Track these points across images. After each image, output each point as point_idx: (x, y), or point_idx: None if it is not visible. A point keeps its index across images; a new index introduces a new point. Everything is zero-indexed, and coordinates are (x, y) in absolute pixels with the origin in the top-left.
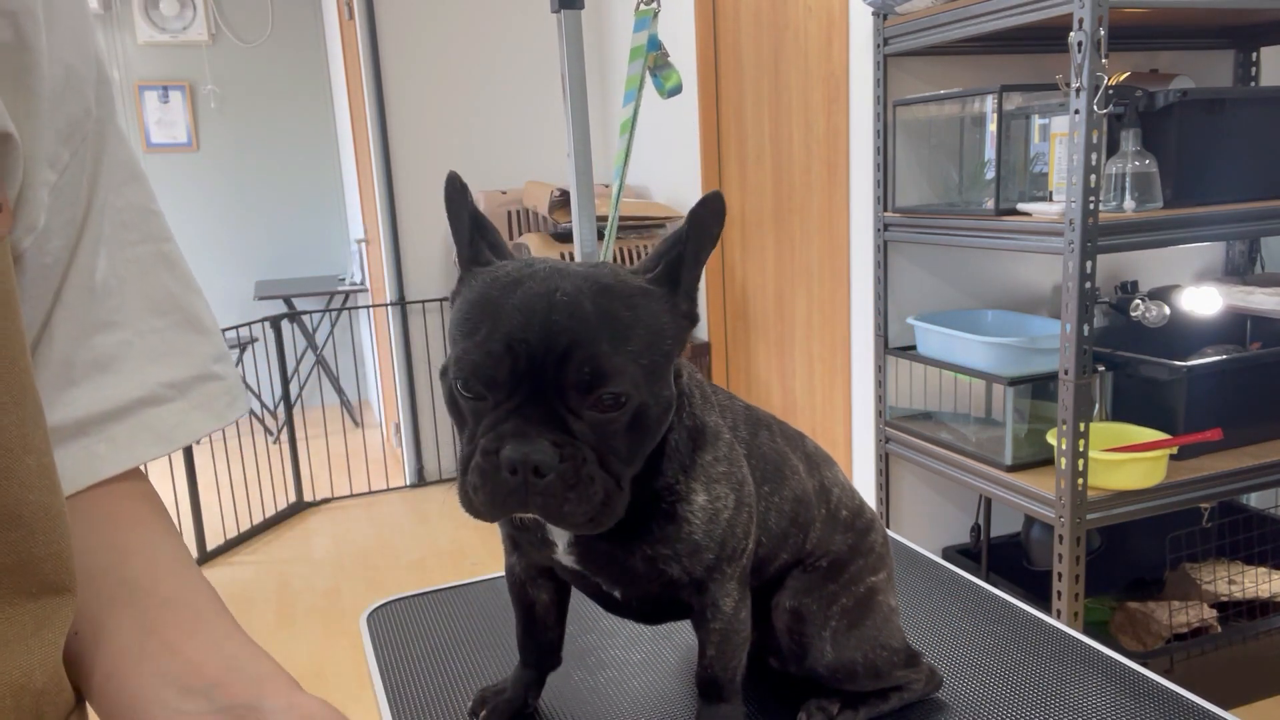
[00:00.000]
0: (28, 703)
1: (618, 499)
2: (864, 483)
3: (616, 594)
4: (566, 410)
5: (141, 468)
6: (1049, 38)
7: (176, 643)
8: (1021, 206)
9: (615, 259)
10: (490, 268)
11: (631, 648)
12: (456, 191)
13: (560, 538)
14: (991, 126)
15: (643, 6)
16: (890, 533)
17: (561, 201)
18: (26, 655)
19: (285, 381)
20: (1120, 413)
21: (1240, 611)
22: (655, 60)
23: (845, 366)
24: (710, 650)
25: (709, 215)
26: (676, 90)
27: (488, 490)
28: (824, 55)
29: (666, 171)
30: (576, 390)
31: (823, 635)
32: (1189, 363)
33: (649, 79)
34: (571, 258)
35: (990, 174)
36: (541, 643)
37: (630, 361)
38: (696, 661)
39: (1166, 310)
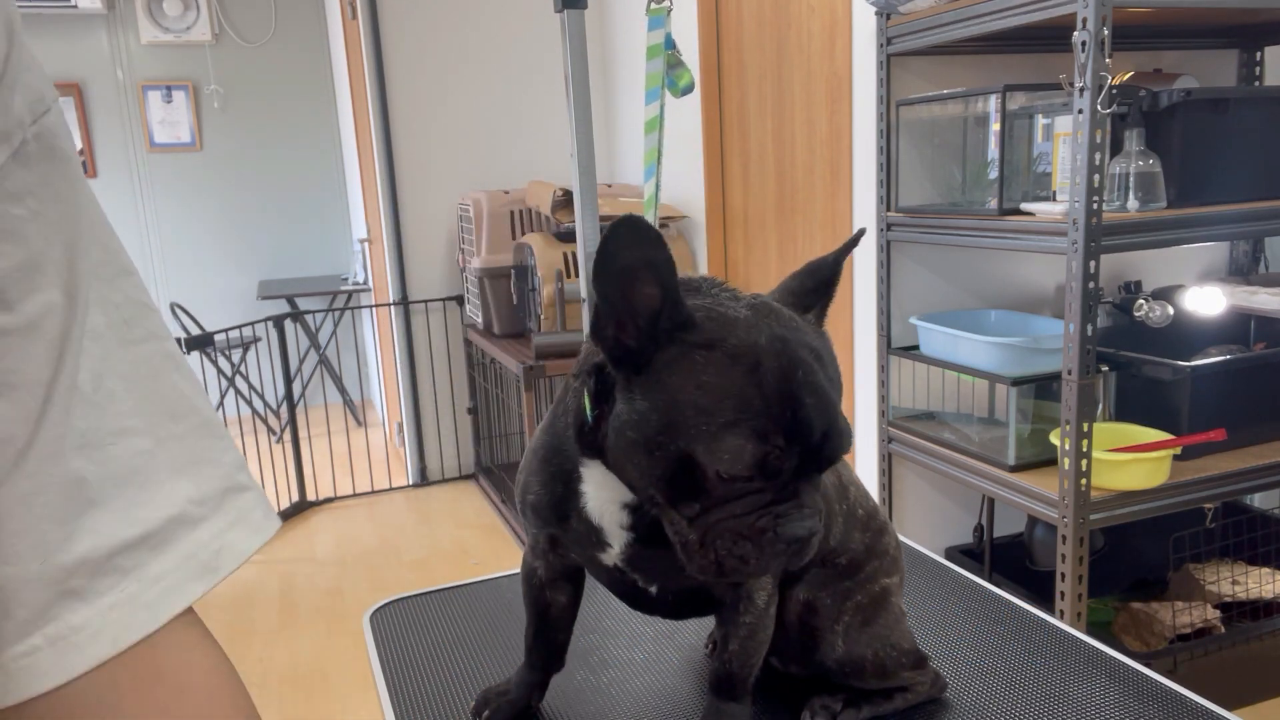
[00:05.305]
0: None
1: None
2: (867, 482)
3: (652, 590)
4: (817, 473)
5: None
6: (1053, 37)
7: None
8: (1025, 206)
9: None
10: (700, 337)
11: (634, 647)
12: (651, 241)
13: (616, 540)
14: (995, 126)
15: (654, 5)
16: None
17: (564, 201)
18: None
19: (288, 381)
20: (1123, 413)
21: (1244, 612)
22: (669, 59)
23: (848, 366)
24: (734, 644)
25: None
26: (689, 89)
27: (763, 559)
28: (827, 55)
29: (669, 171)
30: (828, 460)
31: (835, 629)
32: (1192, 363)
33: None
34: (574, 257)
35: (993, 174)
36: (552, 645)
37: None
38: (715, 656)
39: (1170, 310)
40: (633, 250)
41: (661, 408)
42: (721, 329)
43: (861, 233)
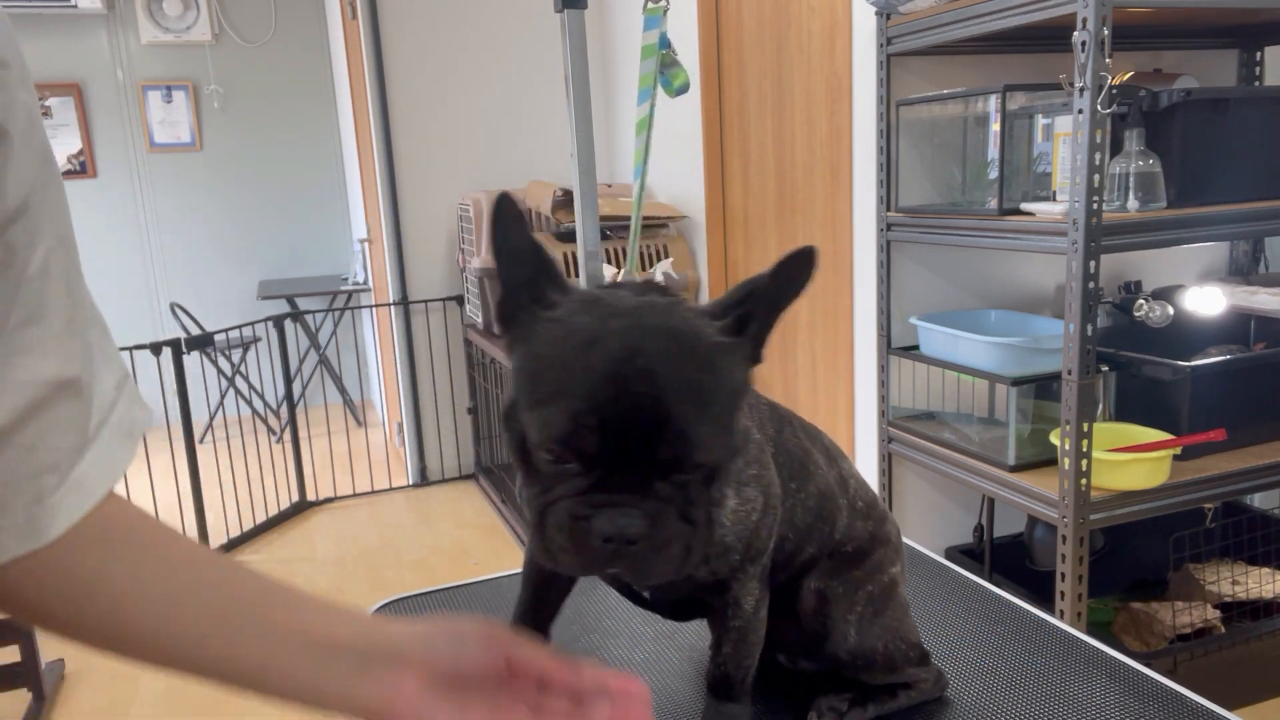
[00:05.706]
0: None
1: (696, 545)
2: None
3: (645, 594)
4: (652, 477)
5: None
6: (1052, 37)
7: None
8: (1025, 206)
9: (612, 257)
10: (555, 313)
11: (635, 648)
12: (512, 219)
13: None
14: (995, 126)
15: (651, 5)
16: None
17: (564, 201)
18: None
19: (288, 381)
20: (1123, 413)
21: (1244, 612)
22: (664, 59)
23: (848, 366)
24: (726, 648)
25: (797, 269)
26: (684, 89)
27: (577, 554)
28: (827, 55)
29: (669, 171)
30: (666, 464)
31: (848, 619)
32: (1192, 363)
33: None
34: (574, 257)
35: (993, 174)
36: (540, 619)
37: (714, 428)
38: (710, 659)
39: (1170, 310)
40: (518, 228)
41: (512, 378)
42: (578, 308)
43: (809, 252)
